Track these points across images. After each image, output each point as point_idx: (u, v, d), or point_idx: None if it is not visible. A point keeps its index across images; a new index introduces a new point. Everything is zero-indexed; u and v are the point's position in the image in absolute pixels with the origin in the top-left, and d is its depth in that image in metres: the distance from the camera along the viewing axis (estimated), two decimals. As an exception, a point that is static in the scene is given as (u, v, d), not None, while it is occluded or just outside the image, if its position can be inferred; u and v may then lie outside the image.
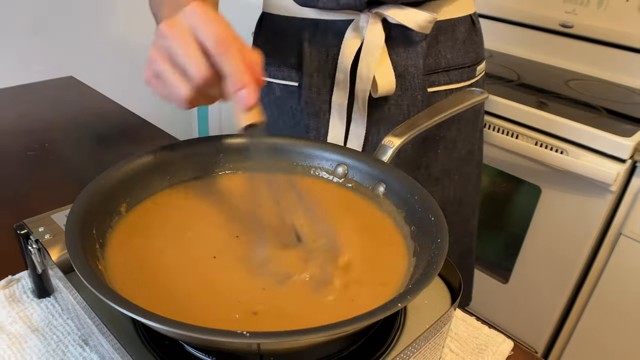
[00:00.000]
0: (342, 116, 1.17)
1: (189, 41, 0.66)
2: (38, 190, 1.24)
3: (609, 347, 2.03)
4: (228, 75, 0.67)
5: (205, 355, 0.65)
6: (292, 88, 1.22)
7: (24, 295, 0.92)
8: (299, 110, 1.21)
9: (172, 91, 0.70)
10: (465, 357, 0.84)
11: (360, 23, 1.09)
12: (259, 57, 0.70)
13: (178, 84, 0.68)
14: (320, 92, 1.18)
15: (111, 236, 0.74)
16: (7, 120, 1.60)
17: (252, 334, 0.50)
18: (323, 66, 1.16)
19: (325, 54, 1.15)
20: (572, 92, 2.20)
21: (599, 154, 1.84)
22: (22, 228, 0.82)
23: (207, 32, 0.66)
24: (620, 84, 2.32)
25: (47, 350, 0.81)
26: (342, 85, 1.14)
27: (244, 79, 0.67)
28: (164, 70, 0.69)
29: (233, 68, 0.66)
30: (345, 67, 1.12)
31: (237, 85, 0.67)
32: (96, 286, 0.55)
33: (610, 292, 1.96)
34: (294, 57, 1.20)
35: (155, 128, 1.60)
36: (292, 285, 0.69)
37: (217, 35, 0.65)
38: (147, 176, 0.83)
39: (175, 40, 0.67)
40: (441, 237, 0.69)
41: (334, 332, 0.53)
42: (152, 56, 0.70)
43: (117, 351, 0.68)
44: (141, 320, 0.52)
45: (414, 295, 0.57)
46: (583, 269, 2.03)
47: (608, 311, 1.99)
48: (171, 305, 0.65)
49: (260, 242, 0.77)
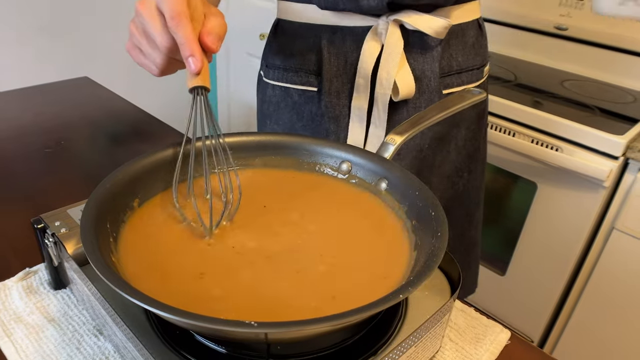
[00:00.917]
0: (361, 119, 1.17)
1: (154, 16, 0.74)
2: (54, 186, 1.24)
3: (603, 336, 2.03)
4: (179, 44, 0.73)
5: (215, 344, 0.65)
6: (311, 93, 1.21)
7: (41, 287, 0.92)
8: (319, 114, 1.21)
9: (148, 59, 0.79)
10: (464, 346, 0.84)
11: (379, 29, 1.09)
12: (219, 25, 0.78)
13: (151, 53, 0.78)
14: (339, 97, 1.18)
15: (124, 230, 0.74)
16: (25, 118, 1.60)
17: (259, 324, 0.50)
18: (342, 71, 1.16)
19: (344, 59, 1.14)
20: (567, 92, 2.20)
21: (592, 151, 1.84)
22: (39, 222, 0.82)
23: (165, 7, 0.72)
24: (613, 84, 2.31)
25: (63, 339, 0.81)
26: (362, 90, 1.14)
27: (192, 47, 0.73)
28: (140, 42, 0.78)
29: (182, 39, 0.73)
30: (366, 72, 1.12)
31: (186, 53, 0.73)
32: (110, 278, 0.55)
33: (603, 283, 1.96)
34: (312, 63, 1.19)
35: (166, 126, 1.60)
36: (299, 277, 0.69)
37: (170, 10, 0.72)
38: (158, 172, 0.83)
39: (144, 16, 0.75)
40: (441, 231, 0.69)
41: (338, 322, 0.53)
42: (131, 30, 0.79)
43: (130, 340, 0.68)
44: (153, 310, 0.52)
45: (415, 287, 0.57)
46: (577, 261, 2.04)
47: (601, 301, 1.99)
48: (182, 296, 0.65)
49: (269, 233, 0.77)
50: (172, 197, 0.80)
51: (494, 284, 2.31)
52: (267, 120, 1.34)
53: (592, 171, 1.82)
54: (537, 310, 2.21)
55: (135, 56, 0.81)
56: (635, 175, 1.78)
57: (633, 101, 2.15)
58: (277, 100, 1.28)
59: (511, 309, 2.31)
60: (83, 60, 2.83)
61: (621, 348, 1.99)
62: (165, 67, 0.79)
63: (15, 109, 1.68)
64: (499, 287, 2.31)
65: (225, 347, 0.65)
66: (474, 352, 0.83)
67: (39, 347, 0.80)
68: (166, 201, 0.82)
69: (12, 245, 1.03)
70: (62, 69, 2.68)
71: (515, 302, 2.29)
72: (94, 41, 2.86)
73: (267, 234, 0.78)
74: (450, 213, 1.25)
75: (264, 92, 1.33)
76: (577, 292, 2.07)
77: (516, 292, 2.26)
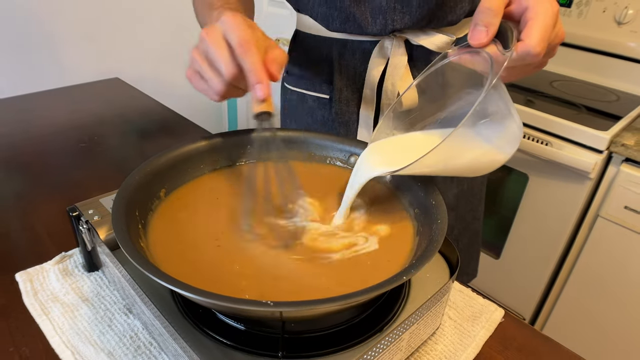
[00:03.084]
0: (368, 126, 1.16)
1: (221, 44, 0.70)
2: (88, 177, 1.24)
3: (588, 313, 2.03)
4: (246, 71, 0.70)
5: (234, 321, 0.65)
6: (324, 100, 1.21)
7: (76, 270, 0.92)
8: (330, 119, 1.20)
9: (209, 85, 0.74)
10: (462, 323, 0.84)
11: (385, 44, 1.08)
12: (281, 55, 0.74)
13: (213, 79, 0.73)
14: (349, 105, 1.17)
15: (152, 217, 0.74)
16: (61, 116, 1.60)
17: (275, 304, 0.51)
18: (351, 82, 1.15)
19: (354, 71, 1.13)
20: (556, 92, 2.19)
21: (579, 145, 1.84)
22: (74, 210, 0.82)
23: (233, 36, 0.69)
24: (598, 85, 2.30)
25: (95, 317, 0.81)
26: (369, 100, 1.13)
27: (259, 75, 0.70)
28: (202, 68, 0.73)
29: (250, 66, 0.69)
30: (372, 84, 1.11)
31: (253, 80, 0.70)
32: (139, 261, 0.55)
33: (588, 265, 1.96)
34: (325, 73, 1.19)
35: (191, 123, 1.60)
36: (313, 261, 0.69)
37: (239, 38, 0.69)
38: (183, 165, 0.83)
39: (210, 44, 0.71)
40: (441, 219, 0.69)
41: (347, 301, 0.53)
42: (194, 56, 0.74)
43: (157, 318, 0.68)
44: (178, 291, 0.53)
45: (417, 270, 0.58)
46: (565, 246, 2.03)
47: (587, 282, 1.99)
48: (204, 277, 0.65)
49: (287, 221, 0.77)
50: (199, 188, 0.82)
51: (489, 267, 2.31)
52: (288, 120, 1.35)
53: (579, 164, 1.83)
54: (528, 290, 2.21)
55: (196, 82, 0.76)
56: (618, 167, 1.78)
57: (616, 100, 2.14)
58: (295, 104, 1.28)
59: (505, 289, 2.31)
60: (115, 62, 2.84)
61: (605, 323, 1.99)
62: (225, 94, 0.75)
63: (54, 107, 1.68)
64: (494, 270, 2.30)
65: (244, 324, 0.65)
66: (471, 329, 0.83)
67: (73, 324, 0.80)
68: (191, 191, 0.82)
69: (49, 231, 1.04)
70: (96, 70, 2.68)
71: (508, 284, 2.29)
72: (125, 46, 2.87)
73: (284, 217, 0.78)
74: (456, 209, 1.24)
75: (285, 95, 1.33)
76: (565, 274, 2.07)
77: (509, 274, 2.26)
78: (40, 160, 1.33)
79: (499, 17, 0.63)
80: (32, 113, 1.62)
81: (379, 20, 1.03)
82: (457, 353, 0.78)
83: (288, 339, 0.63)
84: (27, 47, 2.49)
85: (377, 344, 0.63)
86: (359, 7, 1.03)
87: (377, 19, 1.03)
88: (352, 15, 1.04)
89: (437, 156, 0.64)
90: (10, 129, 1.49)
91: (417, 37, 1.06)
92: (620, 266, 1.87)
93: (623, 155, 1.77)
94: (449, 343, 0.80)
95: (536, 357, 0.80)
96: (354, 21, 1.05)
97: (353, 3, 1.03)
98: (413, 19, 1.02)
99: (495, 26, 0.63)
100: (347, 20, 1.06)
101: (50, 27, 2.54)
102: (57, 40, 2.58)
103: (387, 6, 1.01)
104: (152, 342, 0.77)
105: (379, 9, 1.02)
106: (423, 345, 0.79)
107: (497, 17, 0.63)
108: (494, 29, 0.63)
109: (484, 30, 0.63)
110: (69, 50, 2.63)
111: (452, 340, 0.80)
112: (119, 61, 2.87)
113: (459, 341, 0.80)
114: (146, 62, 3.00)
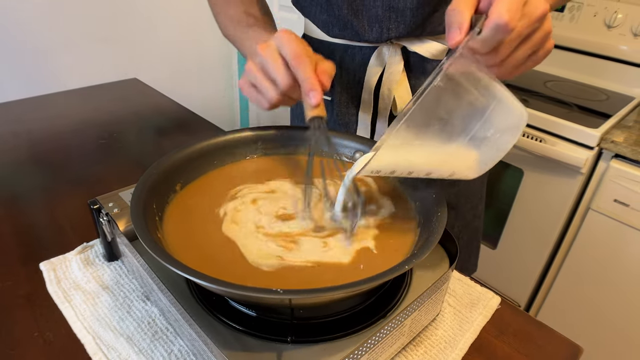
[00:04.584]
0: (366, 127, 1.16)
1: (276, 57, 0.73)
2: (108, 172, 1.24)
3: (580, 300, 2.02)
4: (301, 81, 0.73)
5: (246, 308, 0.65)
6: (326, 101, 1.20)
7: (96, 259, 0.92)
8: (332, 121, 1.20)
9: (262, 95, 0.77)
10: (461, 310, 0.84)
11: (382, 51, 1.07)
12: (330, 67, 0.76)
13: (268, 90, 0.75)
14: (348, 107, 1.17)
15: (168, 210, 0.74)
16: (82, 114, 1.60)
17: (285, 291, 0.51)
18: (351, 86, 1.14)
19: (353, 75, 1.13)
20: (550, 92, 2.18)
21: (571, 142, 1.84)
22: (95, 203, 0.82)
23: (288, 50, 0.72)
24: (589, 85, 2.29)
25: (115, 304, 0.82)
26: (367, 103, 1.13)
27: (313, 83, 0.72)
28: (256, 79, 0.76)
29: (304, 75, 0.72)
30: (370, 88, 1.11)
31: (307, 88, 0.72)
32: (156, 252, 0.55)
33: (580, 255, 1.96)
34: None
35: (205, 121, 1.59)
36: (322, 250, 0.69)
37: (294, 52, 0.72)
38: (197, 160, 0.83)
39: (266, 57, 0.74)
40: (441, 211, 0.69)
41: (353, 289, 0.53)
42: (249, 68, 0.77)
43: (173, 305, 0.68)
44: (193, 280, 0.53)
45: (418, 259, 0.58)
46: (558, 237, 2.03)
47: (579, 271, 1.98)
48: (217, 266, 0.65)
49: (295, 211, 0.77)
50: (213, 183, 0.83)
51: (487, 256, 2.30)
52: (296, 120, 1.35)
53: (571, 159, 1.83)
54: (523, 279, 2.21)
55: (248, 92, 0.78)
56: (608, 163, 1.77)
57: (606, 99, 2.13)
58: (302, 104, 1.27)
59: (501, 278, 2.30)
60: (133, 64, 2.84)
61: (596, 309, 1.99)
62: (277, 103, 0.77)
63: (75, 106, 1.68)
64: (491, 260, 2.30)
65: (255, 311, 0.65)
66: (469, 315, 0.82)
67: (94, 310, 0.80)
68: (205, 185, 0.82)
69: (71, 223, 1.04)
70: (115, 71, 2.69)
71: (504, 273, 2.28)
72: (144, 48, 2.87)
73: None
74: (457, 208, 1.24)
75: None
76: (558, 263, 2.06)
77: (505, 264, 2.26)
78: (62, 156, 1.33)
79: (465, 12, 0.62)
80: (55, 112, 1.63)
81: (375, 29, 1.03)
82: (456, 338, 0.78)
83: (297, 324, 0.63)
84: (49, 51, 2.50)
85: (381, 329, 0.63)
86: (356, 16, 1.03)
87: (373, 27, 1.03)
88: (350, 24, 1.04)
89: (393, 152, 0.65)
90: (35, 127, 1.49)
91: (413, 45, 1.05)
92: (609, 256, 1.87)
93: (613, 152, 1.76)
94: (449, 328, 0.80)
95: (530, 341, 0.80)
96: (351, 29, 1.05)
97: (351, 12, 1.03)
98: (408, 28, 1.02)
99: (467, 22, 0.62)
100: (345, 28, 1.06)
101: (72, 31, 2.54)
102: (78, 43, 2.58)
103: (382, 15, 1.01)
104: (168, 328, 0.77)
105: (375, 17, 1.02)
106: (424, 331, 0.79)
107: (463, 14, 0.62)
108: (466, 25, 0.62)
109: (456, 29, 0.62)
110: (89, 52, 2.64)
111: (451, 326, 0.80)
112: (137, 63, 2.87)
113: (458, 327, 0.80)
114: (163, 64, 3.00)
